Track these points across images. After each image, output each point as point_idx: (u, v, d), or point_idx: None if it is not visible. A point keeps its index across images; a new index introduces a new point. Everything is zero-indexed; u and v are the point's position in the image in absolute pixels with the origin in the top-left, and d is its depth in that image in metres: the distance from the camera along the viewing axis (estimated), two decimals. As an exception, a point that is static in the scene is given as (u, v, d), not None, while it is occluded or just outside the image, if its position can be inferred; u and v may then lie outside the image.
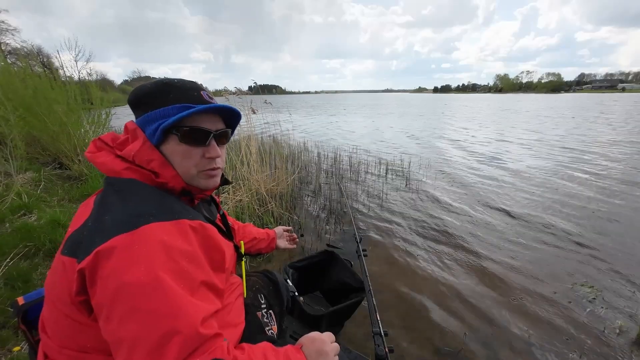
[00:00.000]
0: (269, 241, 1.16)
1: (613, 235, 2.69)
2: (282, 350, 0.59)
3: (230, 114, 0.69)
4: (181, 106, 0.60)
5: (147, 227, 0.50)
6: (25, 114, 3.72)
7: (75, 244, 0.52)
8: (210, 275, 0.55)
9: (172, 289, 0.46)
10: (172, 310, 0.45)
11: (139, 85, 0.65)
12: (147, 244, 0.48)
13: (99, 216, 0.53)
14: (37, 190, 3.01)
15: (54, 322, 0.56)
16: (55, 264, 0.56)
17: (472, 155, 6.13)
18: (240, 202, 2.78)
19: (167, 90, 0.62)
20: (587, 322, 1.70)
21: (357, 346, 1.46)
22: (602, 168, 4.91)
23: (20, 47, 18.19)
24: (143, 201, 0.55)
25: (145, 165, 0.59)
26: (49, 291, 0.57)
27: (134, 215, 0.51)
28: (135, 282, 0.45)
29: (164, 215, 0.53)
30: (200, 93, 0.65)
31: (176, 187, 0.62)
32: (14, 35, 19.59)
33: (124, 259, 0.46)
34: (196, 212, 0.63)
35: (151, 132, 0.60)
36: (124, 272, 0.45)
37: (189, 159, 0.62)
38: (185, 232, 0.54)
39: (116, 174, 0.59)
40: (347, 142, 7.69)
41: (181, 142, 0.61)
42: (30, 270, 1.77)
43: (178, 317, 0.45)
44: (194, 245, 0.54)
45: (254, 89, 3.90)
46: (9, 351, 1.30)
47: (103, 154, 0.61)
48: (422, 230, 2.82)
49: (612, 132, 9.06)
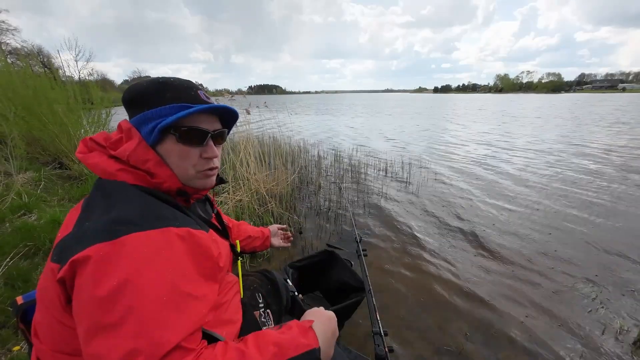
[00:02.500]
0: (264, 239, 1.16)
1: (613, 234, 2.68)
2: (287, 336, 0.55)
3: (227, 114, 0.69)
4: (179, 106, 0.59)
5: (128, 237, 0.47)
6: (25, 113, 3.72)
7: (61, 250, 0.50)
8: (199, 285, 0.52)
9: (142, 305, 0.43)
10: (138, 328, 0.42)
11: (134, 84, 0.63)
12: (124, 256, 0.45)
13: (81, 222, 0.52)
14: (37, 190, 3.01)
15: (46, 327, 0.54)
16: (45, 269, 0.54)
17: (476, 153, 6.13)
18: (240, 202, 2.78)
19: (163, 89, 0.61)
20: (587, 322, 1.69)
21: (357, 346, 1.46)
22: (604, 167, 4.91)
23: (20, 47, 18.22)
24: (128, 207, 0.52)
25: (140, 166, 0.58)
26: (41, 296, 0.56)
27: (115, 223, 0.48)
28: (105, 296, 0.42)
29: (148, 223, 0.50)
30: (197, 92, 0.64)
31: (172, 188, 0.61)
32: (14, 35, 19.62)
33: (98, 271, 0.44)
34: (185, 217, 0.59)
35: (147, 131, 0.59)
36: (96, 285, 0.43)
37: (187, 159, 0.61)
38: (170, 242, 0.51)
39: (110, 175, 0.57)
40: (348, 142, 7.70)
41: (178, 142, 0.60)
42: (30, 270, 1.78)
43: (140, 337, 0.42)
44: (180, 254, 0.51)
45: (255, 88, 3.91)
46: (8, 351, 1.30)
47: (95, 155, 0.59)
48: (422, 229, 2.81)
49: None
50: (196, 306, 0.49)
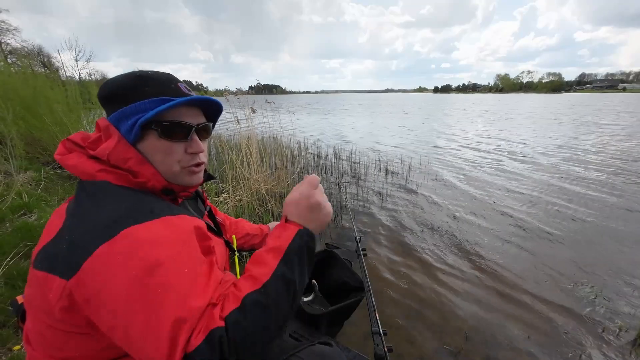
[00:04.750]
0: (263, 237, 1.14)
1: (612, 235, 2.68)
2: (272, 240, 0.56)
3: (210, 107, 0.66)
4: (159, 99, 0.57)
5: (126, 230, 0.47)
6: (25, 113, 3.72)
7: (52, 258, 0.48)
8: (205, 256, 0.54)
9: (169, 282, 0.45)
10: (175, 302, 0.44)
11: (110, 79, 0.60)
12: (130, 245, 0.46)
13: (73, 227, 0.50)
14: (38, 190, 3.01)
15: (37, 333, 0.53)
16: (30, 277, 0.52)
17: (475, 155, 6.13)
18: (240, 201, 2.79)
19: (142, 83, 0.58)
20: (587, 322, 1.70)
21: (356, 346, 1.46)
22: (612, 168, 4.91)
23: (20, 47, 18.23)
24: (119, 205, 0.51)
25: (121, 165, 0.55)
26: (29, 304, 0.54)
27: (110, 222, 0.48)
28: (124, 287, 0.44)
29: (142, 217, 0.50)
30: (178, 85, 0.61)
31: (156, 186, 0.58)
32: (14, 35, 19.62)
33: (112, 268, 0.44)
34: (178, 207, 0.59)
35: (127, 128, 0.56)
36: (114, 279, 0.44)
37: (171, 155, 0.59)
38: (171, 225, 0.52)
39: (90, 176, 0.54)
40: (348, 142, 7.70)
41: (161, 137, 0.57)
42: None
43: (180, 308, 0.44)
44: (184, 233, 0.52)
45: (255, 88, 3.91)
46: (9, 350, 1.31)
47: (74, 156, 0.57)
48: (422, 229, 2.82)
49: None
50: (212, 270, 0.52)
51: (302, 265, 0.55)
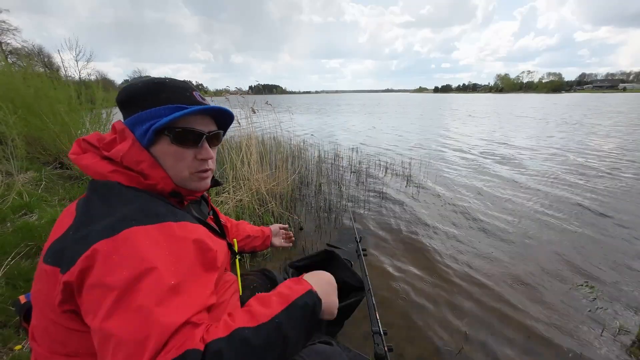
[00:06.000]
0: (264, 239, 1.15)
1: (612, 234, 2.69)
2: (283, 288, 0.56)
3: (222, 116, 0.68)
4: (174, 107, 0.59)
5: (128, 230, 0.48)
6: (26, 113, 3.72)
7: (58, 253, 0.50)
8: (199, 272, 0.53)
9: (148, 290, 0.44)
10: (146, 315, 0.43)
11: (128, 84, 0.63)
12: (128, 247, 0.47)
13: (81, 224, 0.51)
14: (38, 190, 3.01)
15: (43, 330, 0.54)
16: (38, 272, 0.54)
17: (478, 154, 6.13)
18: (241, 202, 2.79)
19: (158, 90, 0.61)
20: (587, 322, 1.70)
21: (356, 345, 1.47)
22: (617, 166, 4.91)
23: (21, 47, 18.25)
24: (126, 206, 0.53)
25: (134, 167, 0.58)
26: (35, 299, 0.56)
27: (115, 220, 0.49)
28: (117, 285, 0.44)
29: (147, 219, 0.51)
30: (192, 93, 0.64)
31: (165, 189, 0.61)
32: (14, 35, 19.63)
33: (106, 265, 0.45)
34: (184, 213, 0.61)
35: (142, 133, 0.58)
36: (106, 276, 0.44)
37: (181, 160, 0.61)
38: (170, 233, 0.52)
39: (102, 176, 0.57)
40: (348, 142, 7.70)
41: (173, 143, 0.60)
42: (31, 270, 1.78)
43: (149, 322, 0.43)
44: (180, 244, 0.52)
45: (255, 88, 3.91)
46: (10, 350, 1.31)
47: (88, 156, 0.59)
48: (422, 229, 2.82)
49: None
50: (198, 289, 0.50)
51: (302, 324, 0.53)
